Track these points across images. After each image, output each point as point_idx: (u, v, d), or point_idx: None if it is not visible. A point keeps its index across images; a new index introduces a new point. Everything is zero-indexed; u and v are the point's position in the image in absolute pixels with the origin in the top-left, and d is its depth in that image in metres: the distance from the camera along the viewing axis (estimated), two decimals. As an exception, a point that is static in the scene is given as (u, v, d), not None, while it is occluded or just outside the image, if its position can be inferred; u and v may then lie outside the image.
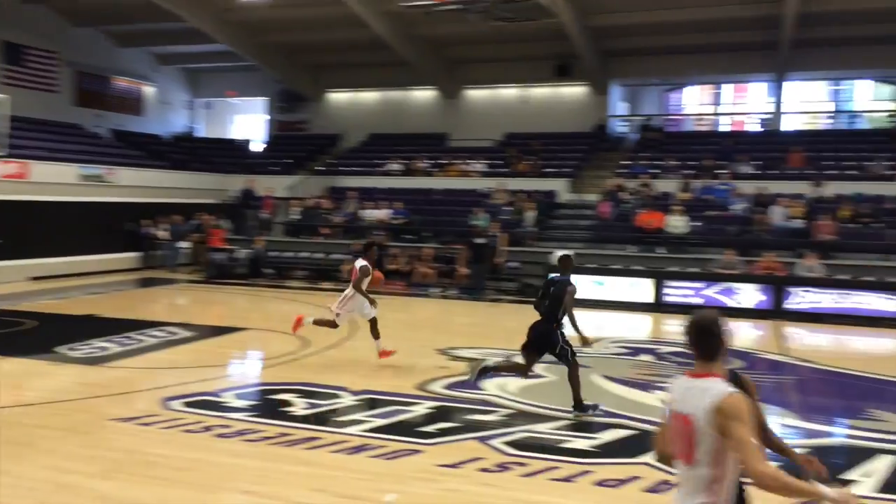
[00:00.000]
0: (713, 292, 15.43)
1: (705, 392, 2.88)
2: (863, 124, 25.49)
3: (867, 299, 14.51)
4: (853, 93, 26.74)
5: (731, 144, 22.81)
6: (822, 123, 26.29)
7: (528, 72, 25.09)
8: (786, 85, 24.90)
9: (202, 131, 31.01)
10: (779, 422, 7.85)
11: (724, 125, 27.42)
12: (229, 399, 7.93)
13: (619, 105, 26.56)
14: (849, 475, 6.02)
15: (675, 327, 13.99)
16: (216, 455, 6.23)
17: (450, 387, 8.69)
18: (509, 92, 26.54)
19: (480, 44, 24.04)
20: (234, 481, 5.70)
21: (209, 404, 7.67)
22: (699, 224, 18.23)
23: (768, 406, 8.31)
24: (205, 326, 12.48)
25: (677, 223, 18.01)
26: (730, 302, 15.22)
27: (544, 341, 7.76)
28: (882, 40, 21.34)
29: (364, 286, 9.69)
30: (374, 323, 9.72)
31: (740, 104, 27.68)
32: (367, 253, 9.98)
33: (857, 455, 6.56)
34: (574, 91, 25.61)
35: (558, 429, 7.20)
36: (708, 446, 2.85)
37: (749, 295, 15.24)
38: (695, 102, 28.24)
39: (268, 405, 7.98)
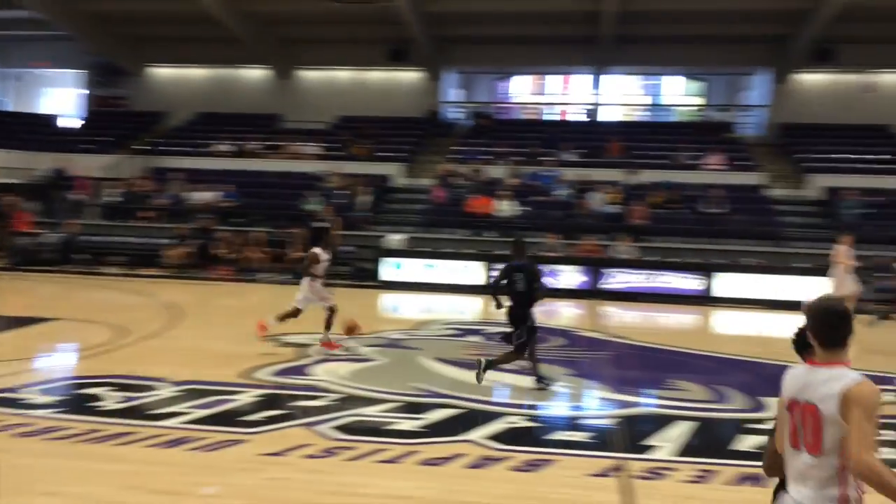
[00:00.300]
0: (538, 274, 16.11)
1: (834, 380, 2.79)
2: (672, 117, 27.55)
3: (673, 279, 15.76)
4: (664, 87, 28.88)
5: (556, 133, 23.91)
6: (638, 115, 28.19)
7: (363, 55, 24.94)
8: (605, 78, 26.42)
9: (8, 105, 28.26)
10: (595, 395, 8.36)
11: (550, 114, 28.69)
12: (32, 395, 7.31)
13: (452, 91, 27.05)
14: (650, 441, 6.50)
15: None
16: (16, 456, 5.72)
17: (277, 374, 8.51)
18: (344, 74, 26.28)
19: (315, 24, 23.60)
20: (37, 483, 5.25)
21: (8, 401, 7.03)
22: (526, 209, 19.00)
23: (585, 381, 8.85)
24: (5, 317, 11.42)
25: (506, 208, 18.66)
26: (553, 283, 15.99)
27: (519, 321, 8.09)
28: (690, 40, 23.14)
29: (318, 272, 9.62)
30: (296, 314, 9.66)
31: (565, 94, 29.10)
32: (320, 238, 9.92)
33: (661, 422, 7.11)
34: (409, 76, 25.78)
35: (386, 411, 7.24)
36: (836, 435, 2.76)
37: (570, 276, 16.09)
38: (523, 91, 29.33)
39: (76, 400, 7.43)
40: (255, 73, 26.57)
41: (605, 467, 5.84)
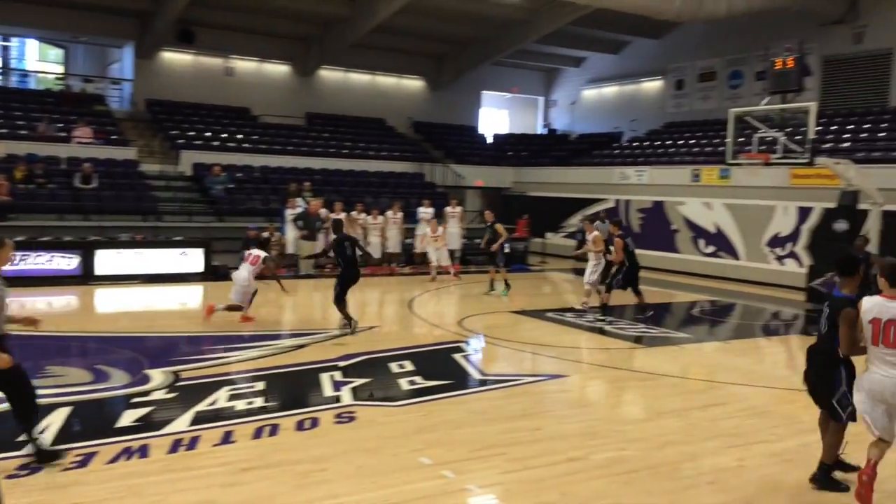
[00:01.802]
0: None
1: None
2: (32, 84, 25.28)
3: (46, 259, 14.65)
4: (25, 51, 26.39)
5: None
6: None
7: None
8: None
9: None
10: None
11: None
12: None
13: None
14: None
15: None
16: None
17: None
18: None
19: None
20: None
21: None
22: None
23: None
24: None
25: None
26: None
27: (356, 277, 10.85)
28: (47, 2, 21.45)
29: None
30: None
31: None
32: (265, 244, 11.98)
33: (41, 412, 6.57)
34: None
35: None
36: None
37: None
38: None
39: None
40: None
41: (-33, 477, 5.14)
